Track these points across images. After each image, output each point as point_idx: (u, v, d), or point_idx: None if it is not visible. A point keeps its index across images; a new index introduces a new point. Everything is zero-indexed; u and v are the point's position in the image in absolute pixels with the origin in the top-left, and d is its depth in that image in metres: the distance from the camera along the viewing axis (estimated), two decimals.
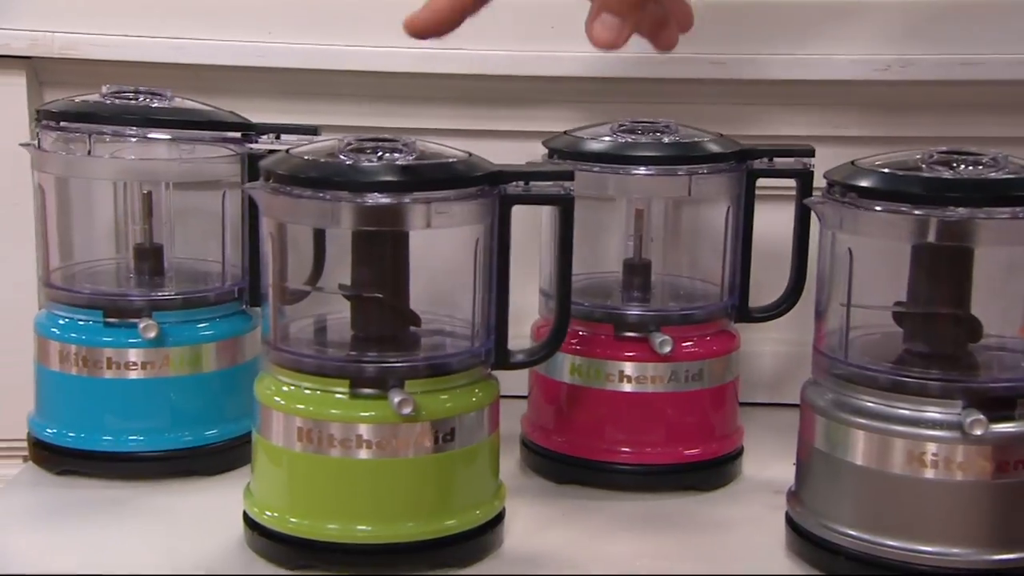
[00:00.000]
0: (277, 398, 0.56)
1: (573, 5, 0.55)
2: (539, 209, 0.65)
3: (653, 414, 0.67)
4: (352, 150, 0.55)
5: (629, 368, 0.66)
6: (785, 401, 0.83)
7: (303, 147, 0.57)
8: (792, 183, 0.69)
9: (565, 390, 0.68)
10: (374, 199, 0.53)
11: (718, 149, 0.67)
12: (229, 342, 0.68)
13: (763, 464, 0.71)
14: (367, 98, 0.75)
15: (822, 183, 0.68)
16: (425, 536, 0.55)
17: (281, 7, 0.75)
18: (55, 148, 0.67)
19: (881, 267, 0.58)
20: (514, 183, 0.57)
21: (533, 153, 0.69)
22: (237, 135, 0.68)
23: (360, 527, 0.55)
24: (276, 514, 0.56)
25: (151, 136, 0.66)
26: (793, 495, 0.59)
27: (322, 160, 0.55)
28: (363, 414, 0.54)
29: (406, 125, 0.73)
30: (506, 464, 0.61)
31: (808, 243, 0.68)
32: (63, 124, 0.65)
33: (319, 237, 0.64)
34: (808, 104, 0.77)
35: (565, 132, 0.69)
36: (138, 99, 0.66)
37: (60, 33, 0.73)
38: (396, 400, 0.53)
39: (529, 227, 0.60)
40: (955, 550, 0.53)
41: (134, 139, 0.65)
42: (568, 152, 0.67)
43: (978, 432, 0.51)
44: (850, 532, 0.54)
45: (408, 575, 0.55)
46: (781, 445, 0.73)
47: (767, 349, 0.81)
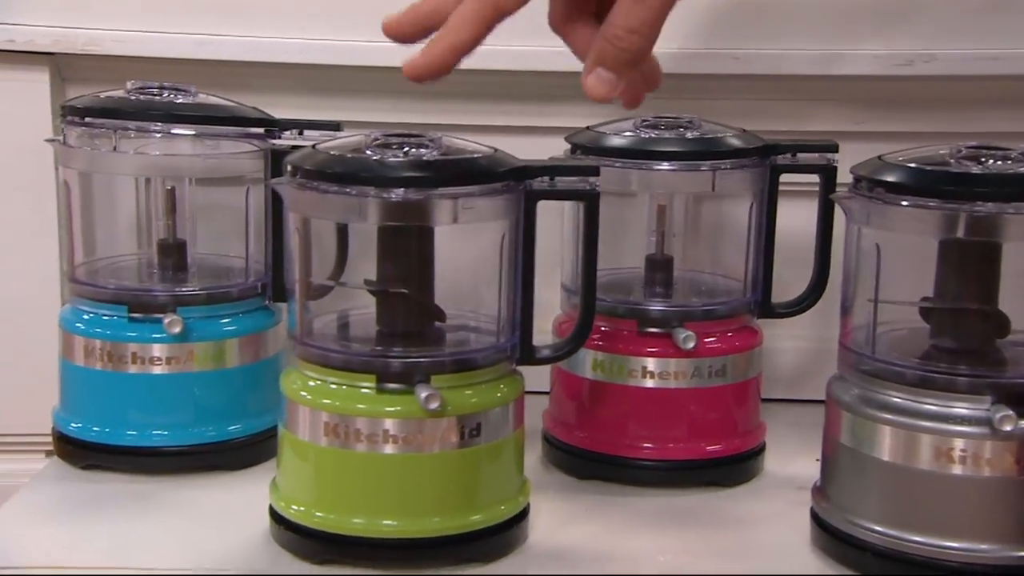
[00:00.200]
0: (303, 393, 0.56)
1: None
2: (558, 204, 0.65)
3: (676, 410, 0.67)
4: (379, 145, 0.55)
5: (652, 364, 0.66)
6: (804, 397, 0.83)
7: (329, 143, 0.57)
8: (814, 178, 0.69)
9: (587, 386, 0.68)
10: (402, 194, 0.53)
11: (741, 144, 0.67)
12: (252, 337, 0.68)
13: (785, 460, 0.71)
14: (390, 94, 0.75)
15: (845, 179, 0.68)
16: (450, 531, 0.56)
17: (304, 3, 0.75)
18: (80, 144, 0.67)
19: (907, 262, 0.58)
20: (539, 178, 0.57)
21: (556, 149, 0.69)
22: (260, 131, 0.68)
23: (386, 522, 0.55)
24: (302, 508, 0.56)
25: (175, 132, 0.66)
26: (818, 491, 0.59)
27: (349, 155, 0.55)
28: (389, 409, 0.55)
29: (429, 121, 0.73)
30: (528, 459, 0.61)
31: (831, 238, 0.68)
32: (88, 120, 0.66)
33: (342, 232, 0.64)
34: (830, 100, 0.77)
35: (588, 128, 0.69)
36: (162, 95, 0.66)
37: (84, 29, 0.73)
38: (423, 395, 0.53)
39: (547, 222, 0.60)
40: (983, 546, 0.53)
41: (158, 135, 0.66)
42: (591, 147, 0.67)
43: (1007, 428, 0.51)
44: (876, 528, 0.54)
45: (433, 570, 0.55)
46: (803, 441, 0.72)
47: (786, 345, 0.81)
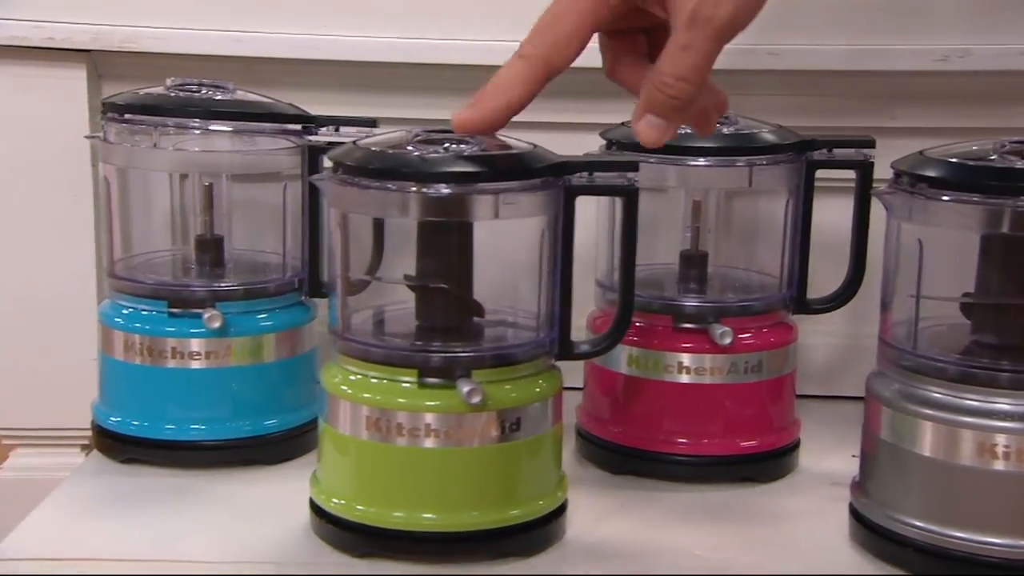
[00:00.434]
0: (344, 387, 0.57)
1: None
2: (592, 199, 0.65)
3: (711, 405, 0.67)
4: (420, 141, 0.55)
5: (687, 359, 0.66)
6: (836, 393, 0.83)
7: (370, 138, 0.57)
8: (848, 174, 0.68)
9: (622, 381, 0.68)
10: (445, 189, 0.53)
11: (778, 140, 0.67)
12: (289, 332, 0.69)
13: (819, 456, 0.71)
14: (425, 90, 0.75)
15: (880, 174, 0.68)
16: (489, 525, 0.56)
17: (339, 0, 0.75)
18: (119, 140, 0.68)
19: (948, 258, 0.58)
20: (578, 174, 0.57)
21: (591, 144, 0.69)
22: (297, 127, 0.68)
23: (425, 515, 0.55)
24: (343, 501, 0.57)
25: (213, 128, 0.66)
26: (857, 486, 0.59)
27: (391, 151, 0.55)
28: (430, 403, 0.55)
29: None
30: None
31: (867, 234, 0.68)
32: (127, 116, 0.66)
33: (378, 227, 0.64)
34: (865, 95, 0.77)
35: (623, 123, 0.69)
36: (201, 92, 0.67)
37: (121, 27, 0.73)
38: (465, 389, 0.54)
39: (579, 217, 0.60)
40: None
41: (197, 131, 0.66)
42: (627, 143, 0.67)
43: None
44: (917, 523, 0.54)
45: (472, 564, 0.56)
46: (836, 437, 0.72)
47: (817, 341, 0.81)
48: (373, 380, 0.56)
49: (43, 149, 0.76)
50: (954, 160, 0.54)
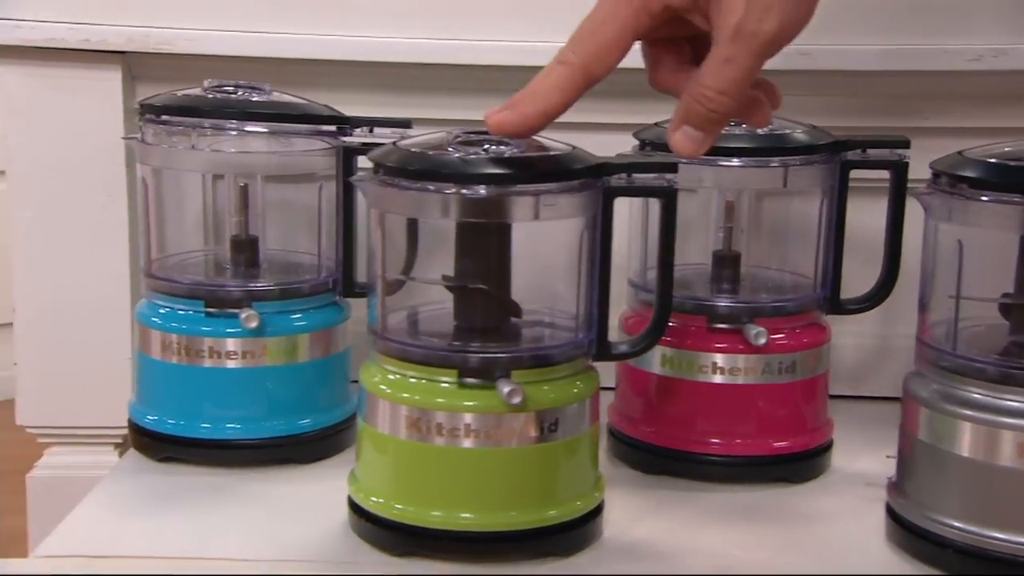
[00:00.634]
0: (383, 386, 0.57)
1: None
2: (624, 199, 0.65)
3: (744, 406, 0.67)
4: (460, 143, 0.55)
5: (721, 360, 0.66)
6: (865, 394, 0.83)
7: (411, 139, 0.58)
8: (882, 174, 0.68)
9: (655, 381, 0.68)
10: (486, 191, 0.54)
11: (812, 140, 0.67)
12: (323, 332, 0.69)
13: (852, 456, 0.71)
14: (458, 91, 0.75)
15: (914, 174, 0.68)
16: (527, 525, 0.56)
17: (373, 1, 0.75)
18: (156, 141, 0.68)
19: (986, 258, 0.58)
20: (617, 175, 0.57)
21: (622, 145, 0.69)
22: (332, 128, 0.69)
23: (463, 515, 0.56)
24: (381, 500, 0.57)
25: (249, 129, 0.67)
26: (894, 486, 0.59)
27: (431, 152, 0.55)
28: (469, 403, 0.55)
29: None
30: None
31: (902, 234, 0.68)
32: (164, 118, 0.67)
33: (412, 228, 0.64)
34: (897, 95, 0.77)
35: (656, 124, 0.69)
36: (238, 93, 0.67)
37: (156, 28, 0.74)
38: (506, 390, 0.54)
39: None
40: None
41: (234, 132, 0.67)
42: (660, 144, 0.66)
43: None
44: (957, 524, 0.54)
45: (510, 564, 0.56)
46: (868, 438, 0.73)
47: (847, 342, 0.80)
48: (412, 380, 0.56)
49: (78, 150, 0.76)
50: (994, 160, 0.54)
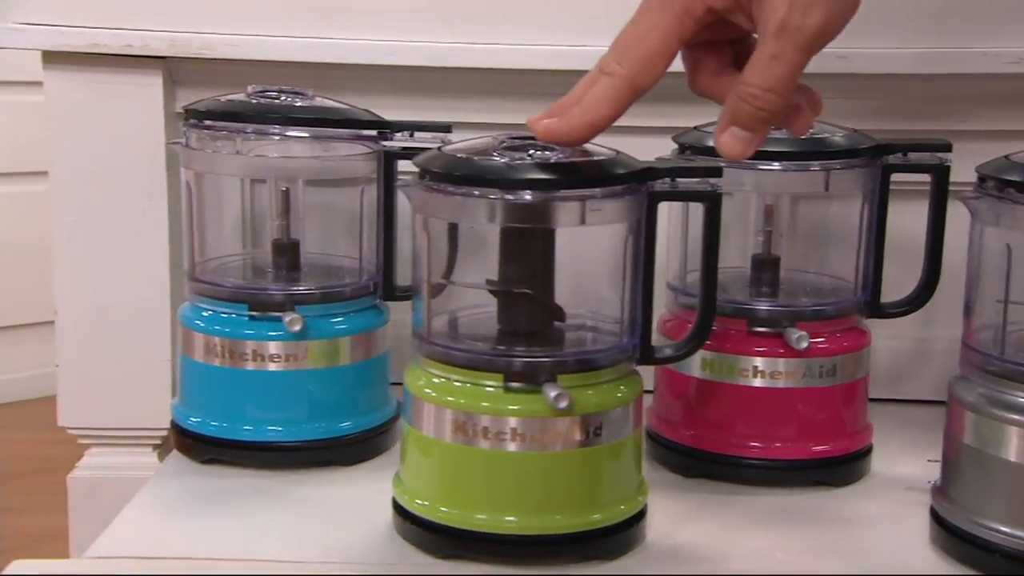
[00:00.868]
0: (428, 390, 0.57)
1: None
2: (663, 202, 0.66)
3: (784, 409, 0.67)
4: (506, 148, 0.56)
5: (761, 363, 0.66)
6: (904, 397, 0.83)
7: (456, 144, 0.58)
8: (923, 178, 0.68)
9: (695, 384, 0.68)
10: (532, 197, 0.54)
11: (853, 144, 0.67)
12: (364, 336, 0.70)
13: (892, 460, 0.71)
14: (498, 95, 0.76)
15: (955, 177, 0.68)
16: (571, 529, 0.56)
17: (413, 5, 0.76)
18: (200, 146, 0.69)
19: None
20: (661, 180, 0.57)
21: (661, 148, 0.69)
22: (373, 133, 0.69)
23: (508, 518, 0.56)
24: (426, 503, 0.57)
25: (292, 135, 0.67)
26: (939, 491, 0.59)
27: (477, 158, 0.55)
28: (514, 407, 0.55)
29: None
30: None
31: (943, 238, 0.68)
32: (207, 123, 0.67)
33: (453, 232, 0.65)
34: (936, 99, 0.77)
35: (696, 127, 0.69)
36: (281, 98, 0.68)
37: (197, 34, 0.75)
38: (552, 394, 0.54)
39: None
40: None
41: (277, 137, 0.67)
42: (699, 147, 0.67)
43: None
44: (1004, 529, 0.54)
45: (555, 567, 0.56)
46: (908, 441, 0.72)
47: (884, 345, 0.80)
48: (456, 384, 0.57)
49: (119, 154, 0.77)
50: None
